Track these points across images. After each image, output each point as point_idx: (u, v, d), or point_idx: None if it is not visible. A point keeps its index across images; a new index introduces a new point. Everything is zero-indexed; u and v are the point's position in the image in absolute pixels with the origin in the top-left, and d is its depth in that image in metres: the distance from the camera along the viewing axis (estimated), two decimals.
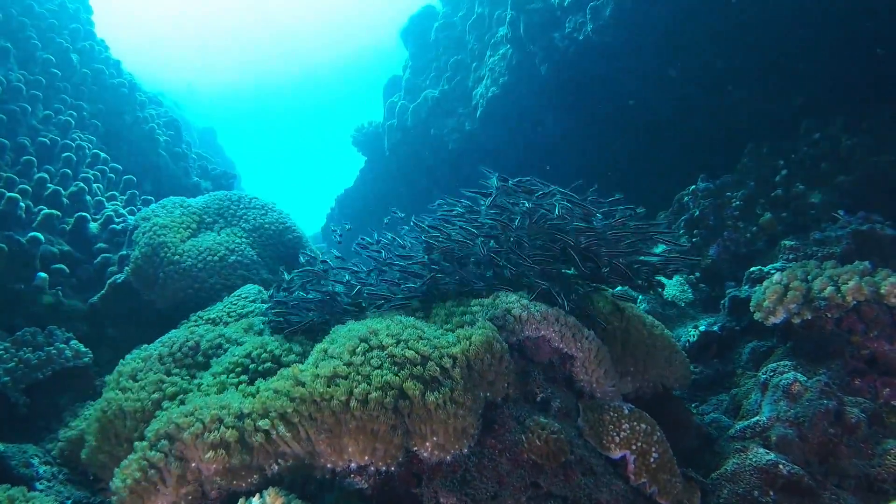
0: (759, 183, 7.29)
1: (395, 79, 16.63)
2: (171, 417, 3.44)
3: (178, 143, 11.94)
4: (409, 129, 14.23)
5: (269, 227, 6.89)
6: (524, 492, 3.39)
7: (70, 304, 6.47)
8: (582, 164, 11.67)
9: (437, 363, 3.41)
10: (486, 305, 3.98)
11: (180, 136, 12.18)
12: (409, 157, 14.58)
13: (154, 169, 10.76)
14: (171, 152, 11.37)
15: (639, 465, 3.78)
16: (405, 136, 14.41)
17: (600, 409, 3.91)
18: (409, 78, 15.31)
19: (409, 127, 14.16)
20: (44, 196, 7.14)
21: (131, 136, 10.62)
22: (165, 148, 11.17)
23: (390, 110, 15.17)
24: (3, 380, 5.27)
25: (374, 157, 16.73)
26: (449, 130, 13.20)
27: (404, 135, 14.43)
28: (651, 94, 9.52)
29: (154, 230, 6.38)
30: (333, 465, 3.38)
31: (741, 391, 5.33)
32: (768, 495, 4.00)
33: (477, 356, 3.50)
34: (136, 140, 10.67)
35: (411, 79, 15.20)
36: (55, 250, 6.65)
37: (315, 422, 3.31)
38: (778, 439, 4.28)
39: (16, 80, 8.05)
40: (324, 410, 3.30)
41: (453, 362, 3.43)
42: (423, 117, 13.81)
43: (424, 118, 13.78)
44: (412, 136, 14.22)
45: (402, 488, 3.43)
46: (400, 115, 14.49)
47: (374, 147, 16.46)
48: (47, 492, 4.59)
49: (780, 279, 5.09)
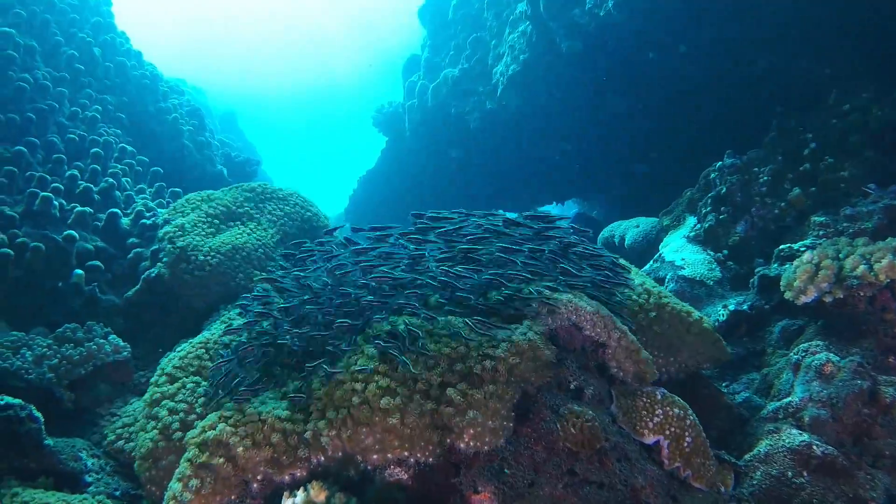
0: (787, 157, 7.20)
1: (413, 58, 16.56)
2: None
3: (202, 131, 12.03)
4: (429, 109, 14.19)
5: (294, 217, 6.97)
6: (561, 479, 3.45)
7: (106, 299, 6.62)
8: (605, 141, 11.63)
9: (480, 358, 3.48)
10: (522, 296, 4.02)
11: (203, 125, 12.28)
12: (429, 137, 14.56)
13: (178, 159, 10.87)
14: (195, 141, 11.47)
15: (672, 449, 3.83)
16: (425, 116, 14.38)
17: (633, 395, 3.96)
18: (427, 57, 15.24)
19: (430, 107, 14.12)
20: (75, 193, 7.28)
21: (155, 126, 10.73)
22: (189, 137, 11.27)
23: (410, 90, 15.13)
24: (48, 376, 5.43)
25: (394, 138, 16.72)
26: (470, 109, 13.15)
27: (424, 114, 14.40)
28: (674, 70, 9.41)
29: (182, 226, 6.48)
30: (376, 458, 3.47)
31: (772, 370, 5.33)
32: (802, 476, 4.03)
33: (519, 352, 3.56)
34: (159, 131, 10.77)
35: (430, 58, 15.13)
36: (89, 247, 6.79)
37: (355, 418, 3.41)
38: (811, 420, 4.30)
39: (42, 78, 8.17)
40: (361, 407, 3.40)
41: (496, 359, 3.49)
42: (442, 97, 13.76)
43: (444, 97, 13.72)
44: (432, 116, 14.19)
45: (440, 478, 3.51)
46: (420, 95, 14.45)
47: (395, 127, 16.44)
48: (96, 484, 4.75)
49: (811, 258, 5.07)
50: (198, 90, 20.29)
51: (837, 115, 7.01)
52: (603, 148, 11.97)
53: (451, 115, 13.56)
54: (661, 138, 10.59)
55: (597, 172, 12.97)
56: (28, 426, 4.62)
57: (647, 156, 11.36)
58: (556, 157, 12.86)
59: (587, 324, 4.01)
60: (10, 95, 7.55)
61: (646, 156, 11.39)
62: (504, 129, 12.70)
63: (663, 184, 10.35)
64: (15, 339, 5.61)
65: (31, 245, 6.23)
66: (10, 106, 7.44)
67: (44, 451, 4.64)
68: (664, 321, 4.68)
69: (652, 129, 10.60)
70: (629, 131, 11.18)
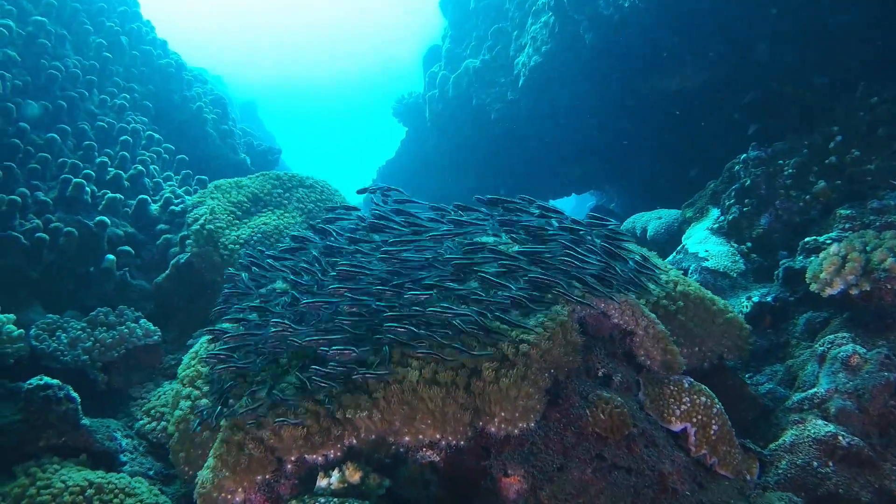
0: (813, 150, 7.17)
1: (434, 49, 16.58)
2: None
3: (225, 120, 12.15)
4: (450, 100, 14.22)
5: (320, 205, 7.06)
6: (590, 463, 3.51)
7: (137, 284, 6.75)
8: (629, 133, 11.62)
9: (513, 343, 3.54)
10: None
11: (227, 114, 12.39)
12: (450, 128, 14.60)
13: (202, 147, 10.99)
14: (219, 130, 11.59)
15: (699, 437, 3.87)
16: (446, 107, 14.42)
17: (660, 383, 4.01)
18: (449, 48, 15.25)
19: (451, 97, 14.15)
20: (106, 180, 7.41)
21: (180, 115, 10.85)
22: (213, 126, 11.39)
23: (431, 81, 15.16)
24: (82, 358, 5.56)
25: (415, 128, 16.79)
26: (491, 100, 13.17)
27: (445, 105, 14.43)
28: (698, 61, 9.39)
29: (211, 213, 6.59)
30: (408, 441, 3.54)
31: (797, 362, 5.35)
32: (828, 466, 4.06)
33: (551, 337, 3.61)
34: (184, 119, 10.90)
35: (451, 48, 15.14)
36: (120, 232, 6.93)
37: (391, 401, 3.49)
38: (837, 411, 4.32)
39: (73, 67, 8.29)
40: (396, 390, 3.47)
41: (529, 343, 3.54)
42: (464, 87, 13.78)
43: (465, 88, 13.75)
44: (453, 107, 14.22)
45: (471, 461, 3.58)
46: (441, 86, 14.48)
47: (415, 118, 16.50)
48: (131, 463, 4.88)
49: (838, 250, 5.07)
50: (217, 79, 20.42)
51: (865, 108, 6.98)
52: (624, 139, 11.96)
53: (472, 106, 13.59)
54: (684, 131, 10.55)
55: (618, 164, 12.96)
56: (66, 406, 4.76)
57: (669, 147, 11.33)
58: (578, 148, 12.86)
59: (615, 312, 4.06)
60: (42, 83, 7.68)
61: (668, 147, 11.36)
62: (525, 121, 12.71)
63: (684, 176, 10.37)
64: (50, 321, 5.75)
65: (64, 230, 6.37)
66: (42, 94, 7.57)
67: (81, 430, 4.78)
68: (689, 310, 4.71)
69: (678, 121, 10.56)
70: (651, 123, 11.15)
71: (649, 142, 11.56)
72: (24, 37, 7.78)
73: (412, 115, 16.74)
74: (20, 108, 7.17)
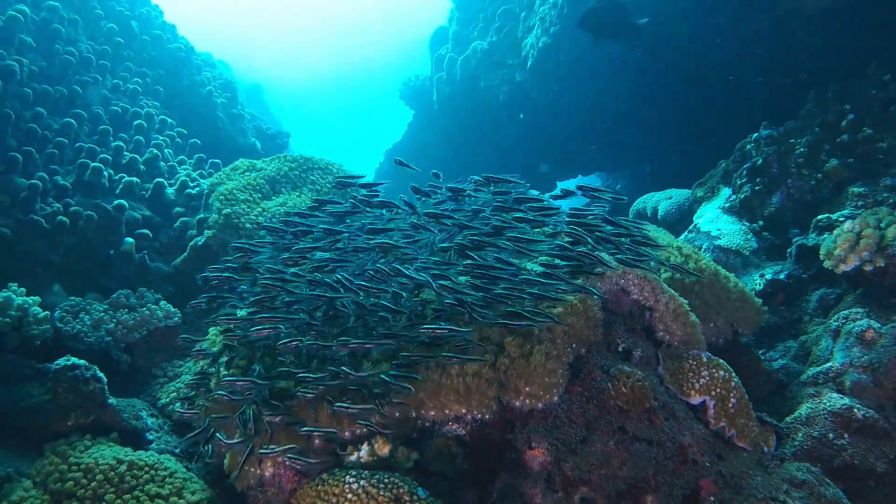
0: (825, 128, 7.20)
1: (441, 31, 16.50)
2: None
3: (234, 104, 12.17)
4: (457, 82, 14.20)
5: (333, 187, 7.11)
6: (612, 436, 3.60)
7: (155, 266, 6.83)
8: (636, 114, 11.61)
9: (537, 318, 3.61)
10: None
11: (236, 98, 12.41)
12: (458, 110, 14.58)
13: (213, 131, 11.02)
14: (228, 114, 11.62)
15: (718, 410, 3.95)
16: (454, 90, 14.40)
17: (679, 357, 4.08)
18: (456, 30, 15.19)
19: (458, 80, 14.13)
20: (122, 164, 7.47)
21: (190, 99, 10.88)
22: (223, 110, 11.42)
23: (438, 63, 15.12)
24: (105, 340, 5.66)
25: (421, 111, 16.75)
26: (499, 82, 13.16)
27: (453, 88, 14.41)
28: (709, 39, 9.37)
29: (228, 194, 6.65)
30: (433, 415, 3.63)
31: (810, 338, 5.42)
32: (843, 438, 4.15)
33: (573, 313, 3.68)
34: (194, 103, 10.92)
35: (458, 31, 15.08)
36: (138, 216, 7.00)
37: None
38: (852, 384, 4.40)
39: (86, 52, 8.33)
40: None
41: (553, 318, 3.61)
42: (471, 69, 13.76)
43: (473, 70, 13.72)
44: (461, 89, 14.20)
45: (496, 435, 3.67)
46: (448, 68, 14.45)
47: (422, 101, 16.47)
48: (157, 441, 4.98)
49: (852, 227, 5.12)
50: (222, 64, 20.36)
51: (877, 86, 6.99)
52: (632, 121, 11.94)
53: (479, 88, 13.57)
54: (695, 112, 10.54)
55: (624, 146, 12.95)
56: (93, 385, 4.85)
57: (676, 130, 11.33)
58: (585, 130, 12.85)
59: (634, 288, 4.13)
60: (57, 68, 7.72)
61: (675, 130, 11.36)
62: (534, 102, 12.70)
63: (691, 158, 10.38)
64: (74, 303, 5.84)
65: (84, 214, 6.44)
66: (57, 79, 7.61)
67: (108, 409, 4.87)
68: (705, 285, 4.77)
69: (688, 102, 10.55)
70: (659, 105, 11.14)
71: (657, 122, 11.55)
72: (38, 22, 7.81)
73: (419, 98, 16.70)
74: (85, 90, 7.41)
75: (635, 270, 4.12)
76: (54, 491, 4.18)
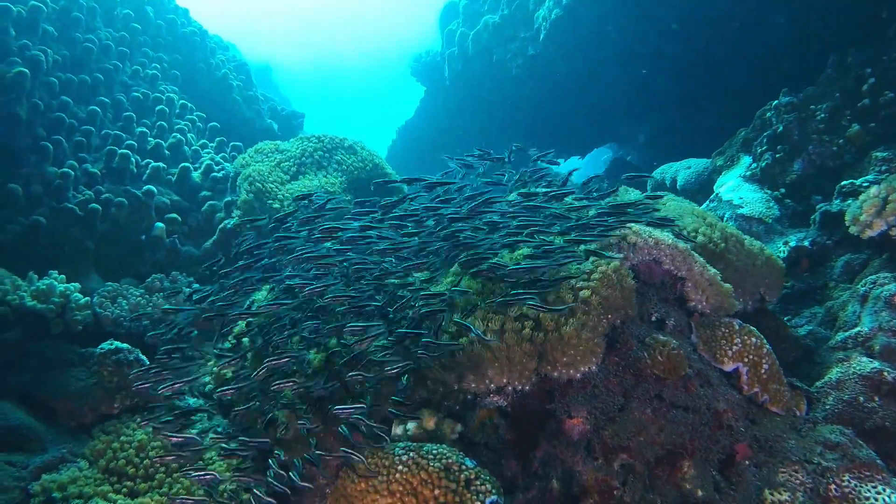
0: (845, 94, 7.18)
1: (451, 5, 16.39)
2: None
3: (250, 86, 12.22)
4: (470, 57, 14.15)
5: (360, 167, 7.18)
6: (649, 403, 3.70)
7: (186, 250, 6.96)
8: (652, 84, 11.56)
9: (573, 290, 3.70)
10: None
11: (251, 80, 12.46)
12: (470, 85, 14.55)
13: (230, 113, 11.08)
14: (244, 96, 11.67)
15: (751, 376, 4.04)
16: (466, 65, 14.35)
17: (712, 325, 4.16)
18: (466, 4, 15.08)
19: (471, 55, 14.08)
20: (147, 149, 7.57)
21: (206, 83, 10.93)
22: (239, 92, 11.47)
23: (449, 38, 15.05)
24: (143, 323, 5.80)
25: (433, 87, 16.71)
26: (511, 55, 13.10)
27: (465, 63, 14.36)
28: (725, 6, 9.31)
29: (257, 176, 6.74)
30: (475, 387, 3.74)
31: (836, 303, 5.47)
32: (874, 401, 4.22)
33: (609, 284, 3.77)
34: (210, 86, 10.98)
35: (469, 5, 14.97)
36: (166, 200, 7.11)
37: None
38: (882, 348, 4.47)
39: (105, 39, 8.38)
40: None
41: (590, 291, 3.70)
42: (483, 44, 13.70)
43: (485, 44, 13.66)
44: (473, 64, 14.15)
45: (536, 405, 3.78)
46: (460, 43, 14.38)
47: (434, 77, 16.42)
48: (202, 421, 5.13)
49: (878, 192, 5.16)
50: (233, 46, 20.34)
51: None
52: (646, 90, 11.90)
53: (492, 62, 13.53)
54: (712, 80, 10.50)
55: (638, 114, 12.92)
56: (136, 368, 4.99)
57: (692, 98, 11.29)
58: (598, 101, 12.81)
59: (666, 258, 4.20)
60: (78, 56, 7.78)
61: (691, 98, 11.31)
62: (546, 75, 12.66)
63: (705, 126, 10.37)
64: (111, 289, 5.98)
65: (115, 200, 6.55)
66: (79, 67, 7.68)
67: None
68: (732, 252, 4.82)
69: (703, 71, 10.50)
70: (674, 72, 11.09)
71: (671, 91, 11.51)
72: (58, 11, 7.86)
73: (430, 74, 16.64)
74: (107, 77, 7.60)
75: (667, 241, 4.19)
76: (107, 469, 4.35)
